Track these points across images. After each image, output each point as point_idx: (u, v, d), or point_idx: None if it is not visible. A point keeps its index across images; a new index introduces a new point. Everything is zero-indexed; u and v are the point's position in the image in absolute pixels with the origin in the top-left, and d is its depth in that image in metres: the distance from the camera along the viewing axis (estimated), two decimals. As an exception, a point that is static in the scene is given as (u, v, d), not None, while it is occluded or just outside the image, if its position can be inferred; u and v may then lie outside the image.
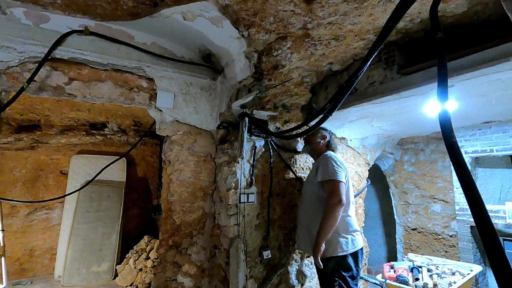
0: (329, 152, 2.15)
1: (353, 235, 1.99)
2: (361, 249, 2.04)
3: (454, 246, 3.37)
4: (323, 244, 1.88)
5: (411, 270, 2.59)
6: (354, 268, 1.94)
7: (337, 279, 1.89)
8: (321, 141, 2.28)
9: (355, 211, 2.52)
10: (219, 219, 2.35)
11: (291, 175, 2.61)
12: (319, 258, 1.88)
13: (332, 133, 3.10)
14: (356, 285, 1.96)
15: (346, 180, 2.03)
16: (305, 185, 2.30)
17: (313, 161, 2.48)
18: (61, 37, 1.86)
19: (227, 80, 2.47)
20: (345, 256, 1.92)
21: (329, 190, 1.93)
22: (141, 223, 4.77)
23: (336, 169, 1.97)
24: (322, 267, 1.89)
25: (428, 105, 2.32)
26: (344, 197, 1.89)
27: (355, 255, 1.98)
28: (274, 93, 2.32)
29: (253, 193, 2.33)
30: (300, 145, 2.75)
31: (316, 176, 2.05)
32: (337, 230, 1.93)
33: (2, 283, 3.03)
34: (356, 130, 3.05)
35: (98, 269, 3.88)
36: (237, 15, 1.76)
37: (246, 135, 2.24)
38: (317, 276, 2.71)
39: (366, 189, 3.42)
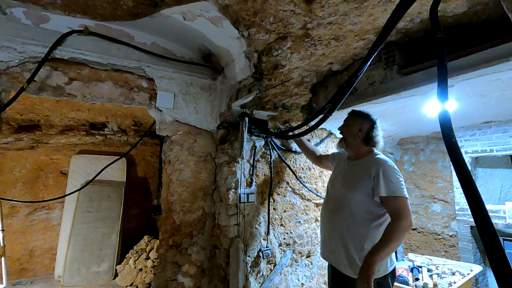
0: (382, 156, 1.72)
1: None
2: None
3: (454, 246, 3.37)
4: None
5: (411, 270, 2.60)
6: None
7: None
8: (358, 134, 1.77)
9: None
10: (219, 219, 2.35)
11: (291, 175, 2.61)
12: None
13: (332, 133, 3.10)
14: None
15: None
16: (340, 188, 1.78)
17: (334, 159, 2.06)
18: (61, 37, 1.86)
19: (227, 80, 2.47)
20: (386, 276, 1.62)
21: (396, 209, 1.53)
22: (141, 223, 4.77)
23: (401, 181, 1.57)
24: None
25: (428, 105, 2.33)
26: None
27: (393, 272, 1.68)
28: (274, 93, 2.32)
29: (253, 193, 2.33)
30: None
31: (376, 187, 1.59)
32: None
33: (2, 283, 3.02)
34: (356, 130, 3.05)
35: (98, 269, 3.88)
36: (237, 15, 1.76)
37: (246, 135, 2.24)
38: (317, 276, 2.71)
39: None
